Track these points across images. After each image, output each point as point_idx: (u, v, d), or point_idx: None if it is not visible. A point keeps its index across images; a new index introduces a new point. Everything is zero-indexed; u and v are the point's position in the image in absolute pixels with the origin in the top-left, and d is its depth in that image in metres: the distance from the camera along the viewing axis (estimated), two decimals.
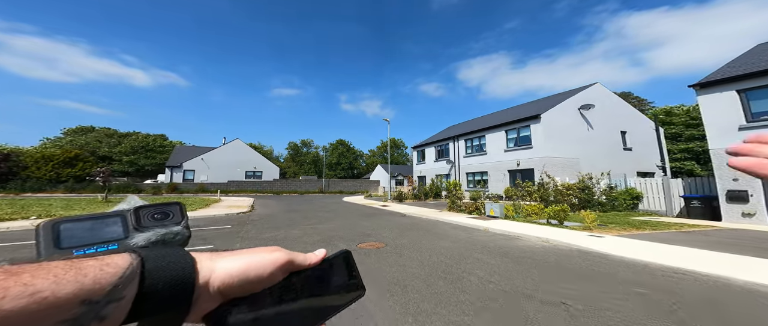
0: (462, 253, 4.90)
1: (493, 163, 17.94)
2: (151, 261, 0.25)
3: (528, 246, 5.40)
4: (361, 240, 6.08)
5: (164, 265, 0.25)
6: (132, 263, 0.23)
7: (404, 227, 8.02)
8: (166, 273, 0.24)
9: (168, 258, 0.26)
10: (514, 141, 16.65)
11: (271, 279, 0.29)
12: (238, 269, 0.28)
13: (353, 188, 36.42)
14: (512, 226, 7.15)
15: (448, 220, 8.94)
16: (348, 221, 9.25)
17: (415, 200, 18.70)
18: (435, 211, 11.79)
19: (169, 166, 29.39)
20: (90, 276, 0.21)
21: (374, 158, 67.25)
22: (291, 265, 0.31)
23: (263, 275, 0.29)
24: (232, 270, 0.28)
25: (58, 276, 0.19)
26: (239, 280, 0.27)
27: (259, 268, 0.29)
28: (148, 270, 0.24)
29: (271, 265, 0.29)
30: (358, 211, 12.49)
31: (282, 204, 16.07)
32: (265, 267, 0.29)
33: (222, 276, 0.27)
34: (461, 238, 6.29)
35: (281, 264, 0.30)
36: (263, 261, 0.29)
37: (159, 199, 13.85)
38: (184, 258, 0.26)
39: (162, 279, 0.24)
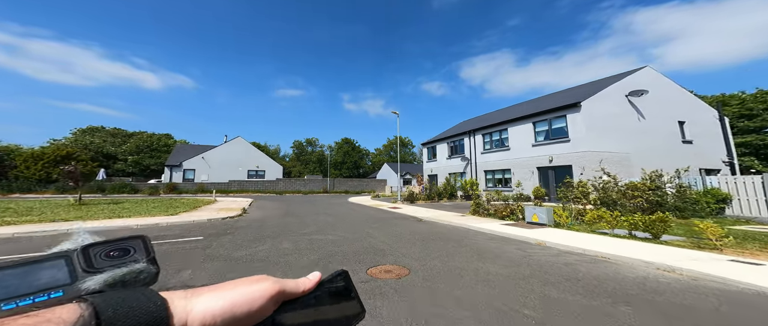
0: (536, 291, 3.06)
1: (517, 159, 15.86)
2: (109, 308, 0.20)
3: (640, 277, 3.51)
4: (372, 262, 4.31)
5: (126, 311, 0.21)
6: (82, 314, 0.19)
7: (425, 237, 6.22)
8: (131, 320, 0.20)
9: (131, 302, 0.22)
10: (544, 134, 14.53)
11: (261, 313, 0.26)
12: (222, 307, 0.24)
13: (359, 188, 34.79)
14: (578, 239, 5.24)
15: (478, 228, 7.09)
16: (354, 228, 7.51)
17: (427, 201, 16.84)
18: (456, 215, 9.92)
19: (169, 165, 28.44)
20: None
21: (380, 157, 65.59)
22: (282, 295, 0.28)
23: (252, 310, 0.25)
24: (215, 309, 0.24)
25: None
26: (224, 320, 0.24)
27: (246, 303, 0.25)
28: (106, 320, 0.20)
29: (260, 298, 0.26)
30: (365, 215, 10.74)
31: (281, 206, 14.50)
32: (253, 301, 0.26)
33: (201, 317, 0.23)
34: (514, 258, 4.44)
35: (271, 295, 0.27)
36: (250, 294, 0.26)
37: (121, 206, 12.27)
38: (151, 300, 0.22)
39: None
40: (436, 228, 7.52)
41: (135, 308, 0.21)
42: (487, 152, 18.43)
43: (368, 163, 64.44)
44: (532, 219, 7.09)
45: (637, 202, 7.05)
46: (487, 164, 18.23)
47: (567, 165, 13.09)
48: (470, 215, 9.74)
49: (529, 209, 7.16)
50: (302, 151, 66.21)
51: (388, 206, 13.93)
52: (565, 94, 17.24)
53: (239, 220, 9.00)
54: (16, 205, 11.02)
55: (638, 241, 4.90)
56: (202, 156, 29.92)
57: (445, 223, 8.33)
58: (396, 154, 66.87)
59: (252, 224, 8.05)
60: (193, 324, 0.23)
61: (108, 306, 0.20)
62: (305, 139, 68.07)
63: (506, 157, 16.72)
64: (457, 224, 7.89)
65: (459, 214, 10.20)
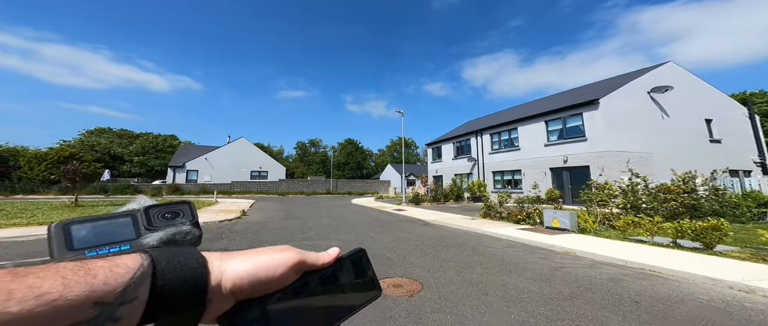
0: (589, 317, 2.47)
1: (529, 160, 15.15)
2: (163, 261, 0.24)
3: (716, 299, 2.89)
4: (379, 273, 3.70)
5: (176, 265, 0.24)
6: (142, 263, 0.23)
7: (436, 244, 5.64)
8: (178, 273, 0.24)
9: (179, 258, 0.25)
10: (558, 133, 13.80)
11: (282, 279, 0.29)
12: (248, 270, 0.27)
13: (362, 189, 34.28)
14: (612, 248, 4.61)
15: (493, 233, 6.48)
16: (358, 232, 6.98)
17: (433, 202, 16.22)
18: (465, 218, 9.31)
19: (173, 166, 28.36)
20: (100, 277, 0.20)
21: (384, 158, 65.09)
22: (303, 265, 0.30)
23: (274, 276, 0.28)
24: (242, 272, 0.27)
25: (67, 278, 0.19)
26: (250, 281, 0.27)
27: (269, 269, 0.28)
28: (160, 271, 0.23)
29: (283, 266, 0.29)
30: (369, 217, 10.20)
31: (282, 208, 14.06)
32: (276, 267, 0.28)
33: (233, 277, 0.26)
34: (543, 270, 3.84)
35: (293, 265, 0.29)
36: (274, 261, 0.29)
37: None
38: (195, 258, 0.26)
39: (174, 280, 0.24)
40: (446, 233, 6.94)
41: (182, 263, 0.25)
42: (495, 153, 17.74)
43: (371, 164, 63.99)
44: (553, 224, 6.46)
45: (670, 206, 6.36)
46: (496, 164, 17.53)
47: (584, 166, 12.36)
48: (481, 218, 9.12)
49: (549, 212, 6.52)
50: (305, 152, 66.14)
51: (392, 209, 13.37)
52: (581, 91, 16.42)
53: (237, 223, 8.55)
54: (11, 206, 10.79)
55: (687, 251, 4.24)
56: (205, 157, 29.81)
57: (455, 227, 7.74)
58: (399, 155, 66.28)
59: (250, 228, 7.59)
60: (226, 283, 0.26)
61: (162, 259, 0.24)
62: (308, 140, 68.02)
63: (516, 157, 16.02)
64: (469, 228, 7.30)
65: (469, 217, 9.59)
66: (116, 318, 0.20)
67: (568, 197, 12.60)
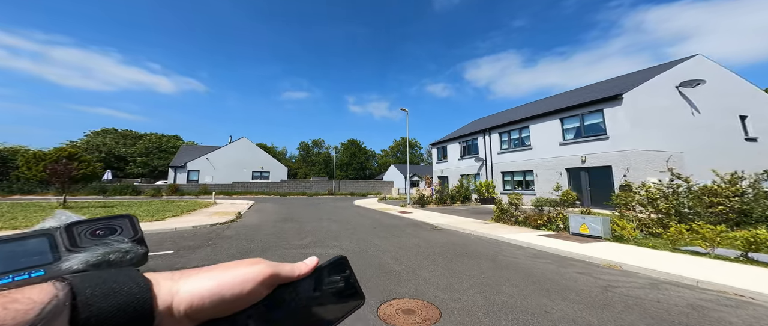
0: None
1: (541, 160, 14.25)
2: (87, 288, 0.20)
3: None
4: (384, 292, 3.10)
5: (107, 292, 0.20)
6: (56, 294, 0.18)
7: (449, 252, 4.92)
8: (112, 300, 0.20)
9: (111, 283, 0.21)
10: (575, 131, 12.87)
11: (252, 295, 0.25)
12: (210, 289, 0.24)
13: (365, 190, 33.61)
14: (667, 262, 3.83)
15: (511, 240, 5.72)
16: (360, 238, 6.28)
17: (439, 204, 15.44)
18: (476, 222, 8.54)
19: (173, 166, 28.05)
20: None
21: (387, 159, 64.41)
22: (276, 278, 0.27)
23: (242, 292, 0.25)
24: (203, 291, 0.23)
25: None
26: (212, 301, 0.24)
27: (236, 285, 0.24)
28: (83, 300, 0.19)
29: (251, 281, 0.25)
30: (372, 220, 9.50)
31: (281, 209, 13.44)
32: (244, 283, 0.25)
33: (189, 299, 0.23)
34: (590, 290, 3.09)
35: (263, 279, 0.26)
36: (242, 277, 0.25)
37: (111, 210, 11.34)
38: (134, 281, 0.22)
39: (105, 309, 0.19)
40: (458, 239, 6.19)
41: (115, 288, 0.21)
42: (504, 152, 16.89)
43: (374, 165, 63.38)
44: (581, 230, 5.66)
45: (717, 210, 5.52)
46: (505, 164, 16.68)
47: (605, 166, 11.41)
48: (494, 222, 8.35)
49: (576, 217, 5.73)
50: (308, 152, 65.85)
51: (396, 211, 12.65)
52: (600, 87, 15.34)
53: (229, 227, 7.92)
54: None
55: None
56: (206, 157, 29.48)
57: (467, 232, 6.99)
58: (402, 155, 65.48)
59: (242, 233, 6.95)
60: (179, 306, 0.22)
61: (86, 286, 0.20)
62: (311, 140, 67.72)
63: (527, 157, 15.14)
64: (482, 233, 6.54)
65: (480, 221, 8.81)
66: None
67: (587, 199, 11.71)
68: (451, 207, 14.51)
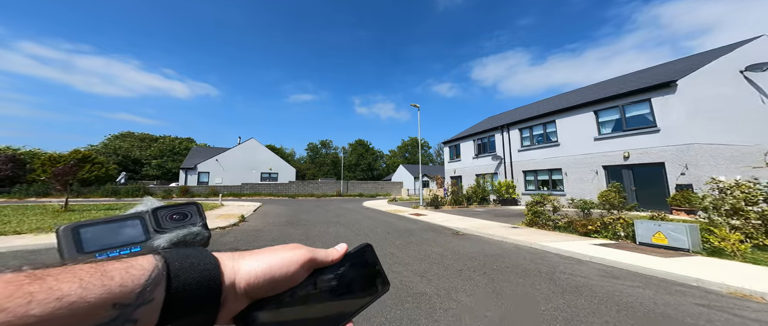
0: None
1: (572, 156, 12.85)
2: (176, 262, 0.24)
3: None
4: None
5: (189, 266, 0.24)
6: (157, 265, 0.23)
7: (484, 266, 3.97)
8: (192, 274, 0.24)
9: (192, 259, 0.25)
10: (614, 125, 11.44)
11: (295, 277, 0.29)
12: (263, 269, 0.27)
13: (374, 191, 32.80)
14: None
15: (562, 251, 4.68)
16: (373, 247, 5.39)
17: (454, 206, 14.37)
18: (504, 226, 7.50)
19: (184, 168, 28.27)
20: (117, 279, 0.20)
21: (395, 159, 63.48)
22: (313, 262, 0.30)
23: (288, 273, 0.28)
24: (258, 270, 0.27)
25: (85, 280, 0.19)
26: (265, 280, 0.27)
27: (282, 267, 0.28)
28: (174, 272, 0.23)
29: (295, 263, 0.29)
30: (385, 224, 8.62)
31: (288, 212, 12.80)
32: (289, 265, 0.28)
33: (247, 277, 0.26)
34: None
35: (304, 262, 0.29)
36: (286, 259, 0.29)
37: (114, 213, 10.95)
38: (208, 259, 0.26)
39: (189, 281, 0.23)
40: (491, 248, 5.21)
41: (195, 263, 0.24)
42: (526, 149, 15.58)
43: (382, 165, 62.60)
44: (654, 240, 4.53)
45: None
46: (527, 163, 15.37)
47: (656, 163, 9.93)
48: (526, 226, 7.27)
49: (644, 224, 4.60)
50: (316, 153, 65.92)
51: (409, 213, 11.73)
52: (643, 75, 13.57)
53: (230, 232, 7.26)
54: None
55: None
56: (216, 159, 29.58)
57: (498, 239, 5.98)
58: (411, 156, 64.31)
59: (241, 239, 6.24)
60: (240, 282, 0.26)
61: (175, 260, 0.24)
62: (319, 141, 67.77)
63: (554, 154, 13.76)
64: (519, 241, 5.51)
65: (507, 225, 7.75)
66: (134, 320, 0.20)
67: (632, 201, 10.18)
68: (468, 209, 13.41)
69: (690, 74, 9.61)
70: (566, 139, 13.25)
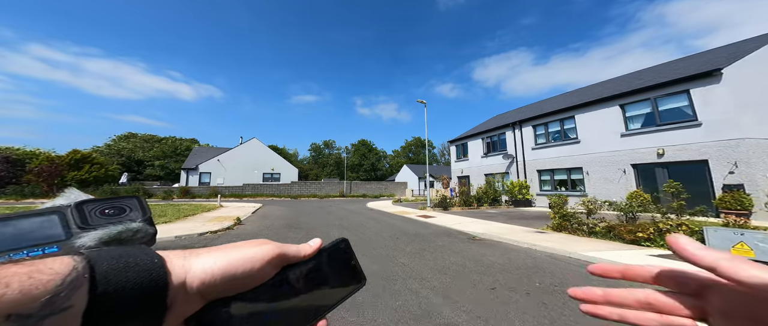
0: None
1: (595, 154, 11.88)
2: (104, 262, 0.20)
3: None
4: None
5: (123, 266, 0.21)
6: (75, 267, 0.19)
7: (524, 283, 3.20)
8: (128, 275, 0.20)
9: (127, 258, 0.21)
10: (644, 119, 10.44)
11: (260, 275, 0.26)
12: (222, 267, 0.25)
13: (377, 192, 32.07)
14: None
15: (616, 262, 3.84)
16: (379, 254, 4.67)
17: (464, 207, 13.53)
18: (527, 231, 6.67)
19: (185, 169, 27.90)
20: (14, 286, 0.16)
21: (398, 159, 62.72)
22: (283, 259, 0.28)
23: (252, 271, 0.26)
24: (214, 268, 0.24)
25: None
26: (223, 279, 0.24)
27: (246, 264, 0.26)
28: (102, 274, 0.20)
29: (260, 260, 0.26)
30: (392, 227, 7.85)
31: (288, 213, 12.13)
32: (253, 262, 0.26)
33: (201, 276, 0.24)
34: None
35: (271, 258, 0.27)
36: (250, 255, 0.26)
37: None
38: (148, 257, 0.22)
39: (122, 283, 0.20)
40: (521, 258, 4.41)
41: (131, 264, 0.21)
42: (541, 147, 14.65)
43: (386, 166, 61.85)
44: (734, 253, 3.66)
45: None
46: (543, 161, 14.44)
47: (697, 160, 8.89)
48: (552, 231, 6.43)
49: (719, 232, 3.75)
50: (319, 153, 65.53)
51: (417, 215, 10.94)
52: (677, 65, 12.28)
53: (221, 236, 6.57)
54: None
55: None
56: (217, 159, 29.17)
57: (526, 247, 5.18)
58: (415, 156, 63.40)
59: None
60: (192, 283, 0.23)
61: (103, 261, 0.20)
62: (322, 141, 67.40)
63: (574, 152, 12.79)
64: (552, 250, 4.71)
65: (530, 229, 6.92)
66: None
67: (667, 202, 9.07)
68: (479, 211, 12.56)
69: (736, 62, 8.58)
70: (587, 136, 12.30)
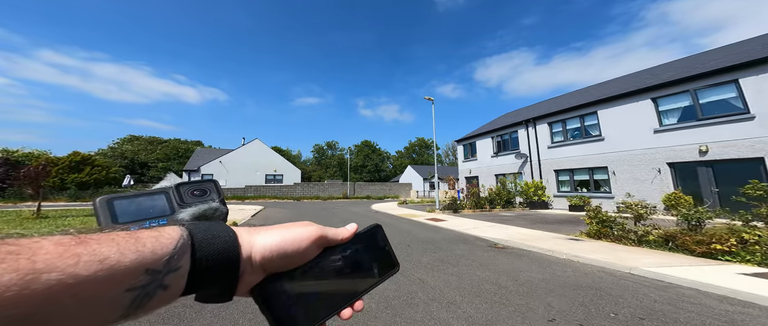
0: None
1: (622, 153, 10.88)
2: (199, 234, 0.26)
3: None
4: None
5: (210, 238, 0.26)
6: (182, 235, 0.24)
7: (595, 313, 2.37)
8: (214, 245, 0.25)
9: (213, 231, 0.26)
10: (681, 113, 9.44)
11: (306, 253, 0.30)
12: (276, 243, 0.28)
13: (382, 193, 31.25)
14: None
15: (700, 285, 3.01)
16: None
17: (476, 209, 12.63)
18: (557, 238, 5.81)
19: (187, 170, 27.48)
20: (148, 246, 0.22)
21: (402, 160, 61.89)
22: (324, 240, 0.31)
23: (299, 249, 0.29)
24: (272, 244, 0.28)
25: (122, 245, 0.21)
26: (278, 254, 0.28)
27: (294, 242, 0.29)
28: (198, 243, 0.25)
29: (306, 239, 0.30)
30: (401, 233, 7.05)
31: (290, 216, 11.42)
32: (300, 241, 0.29)
33: (262, 250, 0.28)
34: None
35: (315, 239, 0.30)
36: (298, 235, 0.30)
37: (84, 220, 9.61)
38: (227, 232, 0.27)
39: (211, 252, 0.25)
40: (564, 273, 3.57)
41: (216, 235, 0.26)
42: (558, 146, 13.69)
43: (389, 166, 61.05)
44: None
45: None
46: (560, 160, 13.47)
47: (750, 158, 7.88)
48: (588, 238, 5.54)
49: None
50: (322, 155, 65.08)
51: (426, 218, 10.13)
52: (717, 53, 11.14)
53: None
54: None
55: None
56: (219, 160, 28.74)
57: (564, 258, 4.34)
58: (418, 156, 62.44)
59: None
60: (256, 255, 0.27)
61: (198, 232, 0.26)
62: (325, 142, 66.94)
63: (597, 150, 11.78)
64: (600, 263, 3.86)
65: (560, 235, 6.05)
66: (165, 286, 0.22)
67: (715, 205, 8.00)
68: (492, 213, 11.67)
69: None
70: (613, 133, 11.28)
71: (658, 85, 9.88)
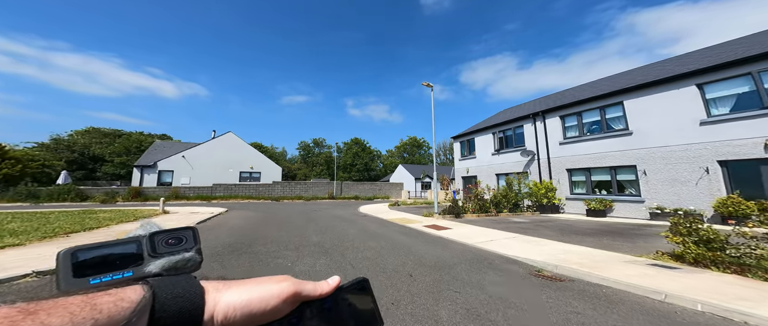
0: None
1: (655, 149, 9.32)
2: (163, 291, 0.24)
3: None
4: None
5: (175, 296, 0.25)
6: (144, 295, 0.23)
7: None
8: (176, 304, 0.24)
9: (178, 289, 0.25)
10: (735, 101, 7.77)
11: (275, 311, 0.28)
12: (242, 302, 0.27)
13: (371, 193, 29.06)
14: None
15: None
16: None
17: (480, 214, 10.82)
18: (630, 262, 4.01)
19: (139, 166, 23.42)
20: (105, 312, 0.21)
21: (392, 159, 60.04)
22: (298, 297, 0.29)
23: (267, 308, 0.27)
24: (236, 303, 0.26)
25: (74, 314, 0.19)
26: (242, 314, 0.26)
27: (262, 300, 0.27)
28: (161, 302, 0.24)
29: (276, 297, 0.28)
30: (396, 247, 4.91)
31: (253, 224, 8.97)
32: (269, 299, 0.27)
33: (225, 309, 0.26)
34: None
35: (286, 297, 0.28)
36: (267, 292, 0.28)
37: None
38: (194, 289, 0.26)
39: (172, 311, 0.24)
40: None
41: (181, 294, 0.25)
42: (572, 142, 12.20)
43: (380, 166, 58.90)
44: None
45: None
46: (575, 158, 11.98)
47: None
48: (684, 264, 3.73)
49: None
50: (309, 152, 61.74)
51: (424, 225, 8.17)
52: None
53: None
54: None
55: None
56: (182, 155, 25.11)
57: (690, 308, 2.49)
58: (410, 156, 60.79)
59: None
60: (218, 315, 0.26)
61: (163, 290, 0.24)
62: (312, 139, 63.59)
63: (623, 146, 10.23)
64: (748, 315, 1.95)
65: (628, 257, 4.26)
66: None
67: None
68: (501, 219, 9.91)
69: None
70: (643, 125, 9.79)
71: (706, 68, 8.32)
